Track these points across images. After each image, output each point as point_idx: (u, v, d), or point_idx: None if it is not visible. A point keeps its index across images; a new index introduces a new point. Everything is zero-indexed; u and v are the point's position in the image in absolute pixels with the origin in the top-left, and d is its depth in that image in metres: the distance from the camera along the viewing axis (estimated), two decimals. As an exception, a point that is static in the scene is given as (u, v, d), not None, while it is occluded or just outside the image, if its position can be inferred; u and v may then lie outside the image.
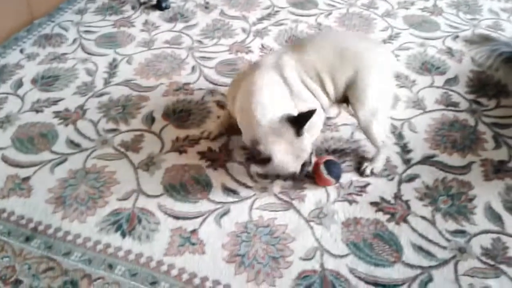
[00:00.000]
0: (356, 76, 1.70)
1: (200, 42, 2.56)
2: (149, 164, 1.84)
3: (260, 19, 2.76)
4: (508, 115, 2.07)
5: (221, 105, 2.12)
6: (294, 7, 2.88)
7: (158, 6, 2.85)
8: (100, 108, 2.11)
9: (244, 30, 2.66)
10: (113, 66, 2.37)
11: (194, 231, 1.60)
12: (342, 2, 2.94)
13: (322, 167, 1.70)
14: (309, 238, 1.58)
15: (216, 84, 2.25)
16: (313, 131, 1.68)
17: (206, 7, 2.89)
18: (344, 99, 1.79)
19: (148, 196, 1.72)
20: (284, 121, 1.52)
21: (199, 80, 2.28)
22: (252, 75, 1.63)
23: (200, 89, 2.23)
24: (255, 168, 1.79)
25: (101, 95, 2.19)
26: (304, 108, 1.54)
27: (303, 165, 1.62)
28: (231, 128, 1.88)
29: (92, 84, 2.26)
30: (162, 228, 1.61)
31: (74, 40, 2.57)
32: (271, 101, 1.56)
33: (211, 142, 1.93)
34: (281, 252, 1.54)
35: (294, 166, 1.59)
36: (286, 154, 1.54)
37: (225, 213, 1.66)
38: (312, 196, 1.72)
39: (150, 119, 2.05)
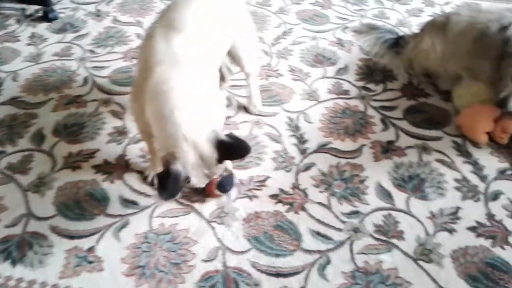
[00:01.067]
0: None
1: (92, 51, 2.48)
2: (39, 185, 1.75)
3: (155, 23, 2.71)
4: (394, 98, 2.19)
5: (116, 114, 2.06)
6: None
7: (45, 18, 2.72)
8: (-18, 131, 1.97)
9: (138, 35, 2.61)
10: (-4, 85, 2.23)
11: (91, 249, 1.54)
12: (236, 2, 2.96)
13: (215, 186, 1.67)
14: (211, 239, 1.58)
15: (110, 94, 2.19)
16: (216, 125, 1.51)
17: (98, 15, 2.80)
18: None
19: (39, 219, 1.64)
20: (211, 142, 1.34)
21: (92, 92, 2.20)
22: (156, 71, 1.38)
23: (94, 100, 2.15)
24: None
25: (-16, 116, 2.05)
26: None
27: None
28: None
29: (-28, 105, 2.11)
30: (56, 251, 1.54)
31: (-49, 61, 2.39)
32: (193, 105, 1.36)
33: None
34: (183, 257, 1.52)
35: (201, 182, 1.44)
36: (199, 171, 1.36)
37: (124, 225, 1.62)
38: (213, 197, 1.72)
39: (39, 137, 1.95)
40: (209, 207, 1.68)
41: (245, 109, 2.10)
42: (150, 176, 1.76)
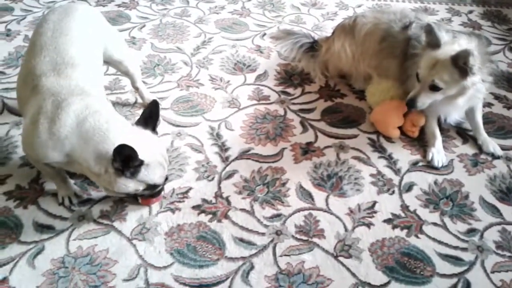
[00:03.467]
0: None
1: (2, 72, 2.36)
2: None
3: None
4: (312, 100, 2.25)
5: (29, 137, 1.96)
6: (105, 24, 2.80)
7: (-52, 40, 2.55)
8: None
9: (52, 54, 2.51)
10: None
11: (4, 280, 1.46)
12: (155, 14, 2.94)
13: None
14: (132, 257, 1.54)
15: (22, 116, 2.08)
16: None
17: (8, 35, 2.67)
18: None
19: None
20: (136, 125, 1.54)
21: (2, 114, 2.09)
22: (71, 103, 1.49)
23: (5, 123, 2.04)
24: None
25: None
26: None
27: (166, 179, 1.62)
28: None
29: None
30: (-36, 286, 1.44)
31: None
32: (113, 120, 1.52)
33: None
34: (102, 278, 1.48)
35: (164, 170, 1.54)
36: (157, 155, 1.51)
37: (39, 252, 1.55)
38: (134, 213, 1.69)
39: None
40: (130, 224, 1.65)
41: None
42: (66, 200, 1.70)
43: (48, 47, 1.58)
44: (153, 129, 1.56)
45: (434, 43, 1.77)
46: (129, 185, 1.47)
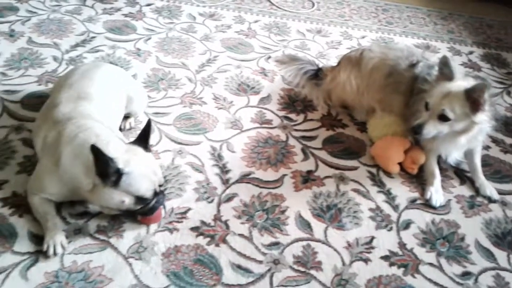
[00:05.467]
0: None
1: (3, 74, 2.33)
2: None
3: (74, 46, 2.63)
4: (314, 128, 2.27)
5: (28, 143, 1.94)
6: (111, 32, 2.80)
7: (-49, 36, 2.52)
8: None
9: (55, 58, 2.50)
10: None
11: (-6, 291, 1.42)
12: (161, 27, 2.95)
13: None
14: (127, 276, 1.52)
15: (22, 120, 2.06)
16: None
17: (11, 35, 2.64)
18: None
19: None
20: (128, 142, 1.60)
21: (2, 117, 2.06)
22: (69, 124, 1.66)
23: (4, 126, 2.02)
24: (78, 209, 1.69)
25: None
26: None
27: (162, 192, 1.61)
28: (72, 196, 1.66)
29: None
30: (-47, 295, 1.40)
31: None
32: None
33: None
34: (96, 296, 1.45)
35: (153, 183, 1.54)
36: (144, 168, 1.52)
37: (33, 263, 1.52)
38: (131, 230, 1.67)
39: None
40: (126, 241, 1.62)
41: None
42: (52, 248, 1.54)
43: (72, 86, 1.81)
44: (145, 147, 1.60)
45: (448, 75, 1.82)
46: (114, 196, 1.50)
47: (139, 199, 1.52)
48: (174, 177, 1.90)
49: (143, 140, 1.61)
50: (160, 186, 1.60)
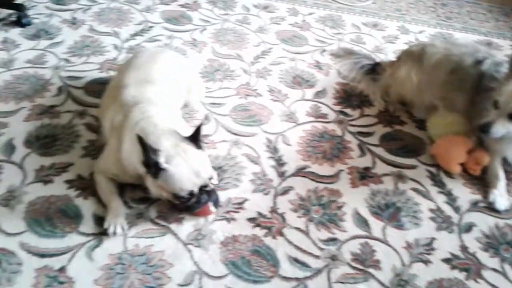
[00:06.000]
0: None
1: (67, 60, 2.41)
2: (8, 198, 1.67)
3: (133, 35, 2.68)
4: (370, 124, 2.23)
5: (92, 128, 2.00)
6: (168, 22, 2.84)
7: (19, 23, 2.62)
8: None
9: (115, 46, 2.56)
10: (-36, 91, 2.13)
11: (62, 269, 1.48)
12: (217, 18, 2.96)
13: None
14: (187, 262, 1.55)
15: (85, 106, 2.12)
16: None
17: (73, 23, 2.72)
18: None
19: (8, 234, 1.56)
20: (183, 136, 1.58)
21: (66, 102, 2.14)
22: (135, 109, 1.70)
23: (68, 111, 2.08)
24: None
25: (-51, 125, 1.95)
26: None
27: (207, 192, 1.59)
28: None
29: None
30: (25, 269, 1.47)
31: None
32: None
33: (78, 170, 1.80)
34: (158, 280, 1.48)
35: (191, 184, 1.52)
36: (185, 167, 1.51)
37: (97, 245, 1.56)
38: (190, 217, 1.69)
39: (9, 147, 1.87)
40: (186, 228, 1.65)
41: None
42: (112, 227, 1.59)
43: (140, 68, 1.87)
44: (197, 145, 1.59)
45: None
46: (155, 186, 1.54)
47: (176, 196, 1.53)
48: (231, 167, 1.92)
49: (195, 137, 1.59)
50: (205, 187, 1.57)
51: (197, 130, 1.58)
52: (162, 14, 2.91)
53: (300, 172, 1.93)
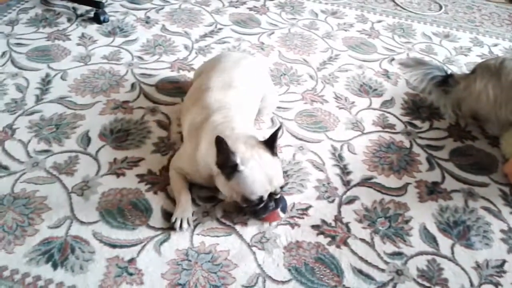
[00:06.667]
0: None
1: (140, 58, 2.49)
2: (84, 188, 1.75)
3: (203, 36, 2.74)
4: (440, 137, 2.16)
5: (162, 124, 2.06)
6: (237, 25, 2.88)
7: (96, 19, 2.75)
8: (31, 127, 1.99)
9: (186, 47, 2.62)
10: (46, 82, 2.25)
11: (132, 260, 1.53)
12: (284, 22, 2.98)
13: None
14: (251, 264, 1.56)
15: (157, 103, 2.19)
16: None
17: (147, 22, 2.82)
18: None
19: (82, 223, 1.63)
20: (259, 141, 1.58)
21: (139, 98, 2.21)
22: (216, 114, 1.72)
23: (140, 107, 2.16)
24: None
25: (32, 113, 2.07)
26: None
27: (275, 199, 1.59)
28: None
29: (22, 101, 2.13)
30: (97, 258, 1.53)
31: (4, 53, 2.42)
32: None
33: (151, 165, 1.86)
34: (223, 280, 1.51)
35: (263, 190, 1.53)
36: (260, 172, 1.51)
37: (165, 239, 1.61)
38: (255, 220, 1.70)
39: (86, 139, 1.96)
40: (250, 230, 1.67)
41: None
42: (178, 222, 1.63)
43: (224, 71, 1.90)
44: (272, 152, 1.59)
45: None
46: (226, 187, 1.54)
47: (245, 199, 1.54)
48: (295, 172, 1.92)
49: (270, 143, 1.58)
50: (274, 194, 1.57)
51: (273, 136, 1.57)
52: (231, 17, 2.96)
53: (366, 182, 1.90)
